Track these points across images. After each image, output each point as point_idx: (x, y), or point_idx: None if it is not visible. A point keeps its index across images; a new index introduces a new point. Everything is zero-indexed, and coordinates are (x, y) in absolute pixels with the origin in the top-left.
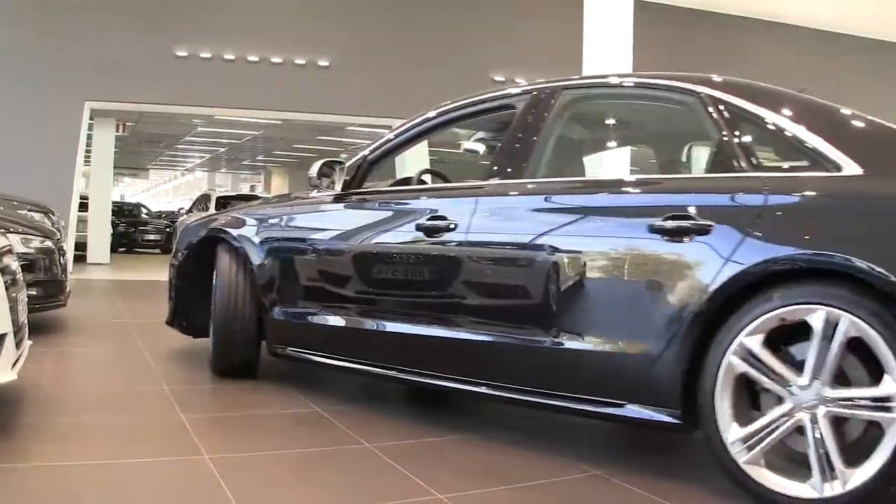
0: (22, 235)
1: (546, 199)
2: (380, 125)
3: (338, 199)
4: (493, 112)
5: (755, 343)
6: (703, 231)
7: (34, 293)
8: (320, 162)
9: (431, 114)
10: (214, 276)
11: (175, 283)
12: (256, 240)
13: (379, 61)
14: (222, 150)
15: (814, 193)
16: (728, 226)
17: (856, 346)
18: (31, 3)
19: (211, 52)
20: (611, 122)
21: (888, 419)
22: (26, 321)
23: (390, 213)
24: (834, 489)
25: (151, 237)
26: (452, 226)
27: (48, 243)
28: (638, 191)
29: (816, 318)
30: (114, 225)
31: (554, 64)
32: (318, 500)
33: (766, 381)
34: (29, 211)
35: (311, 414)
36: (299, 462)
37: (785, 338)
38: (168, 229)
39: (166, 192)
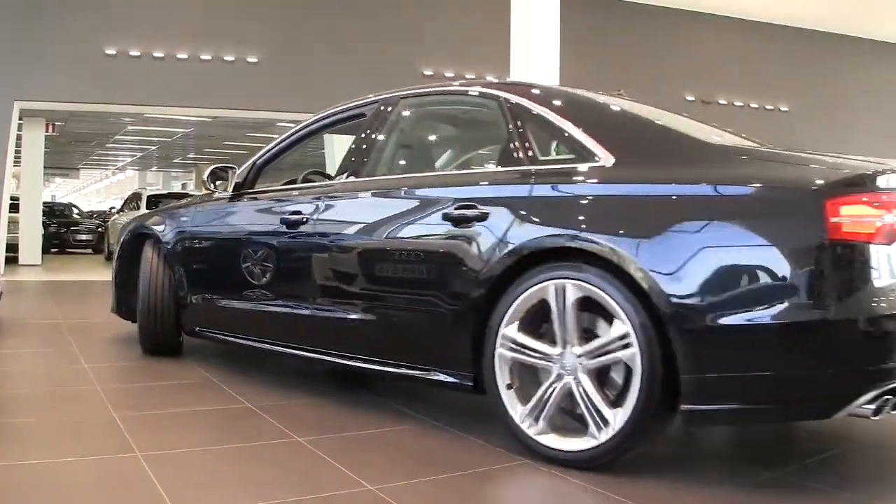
0: None
1: (371, 195)
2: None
3: (232, 199)
4: (353, 119)
5: (513, 331)
6: (482, 218)
7: None
8: (212, 167)
9: (309, 121)
10: (140, 268)
11: (116, 274)
12: (171, 235)
13: (308, 57)
14: (153, 148)
15: (570, 182)
16: (501, 213)
17: (587, 306)
18: None
19: (140, 50)
20: (435, 125)
21: (630, 354)
22: None
23: (266, 211)
24: (608, 432)
25: (83, 237)
26: (304, 220)
27: None
28: (439, 184)
29: (549, 292)
30: (45, 226)
31: (482, 57)
32: (250, 495)
33: (531, 361)
34: None
35: (241, 409)
36: (231, 457)
37: (540, 319)
38: (100, 229)
39: (98, 191)
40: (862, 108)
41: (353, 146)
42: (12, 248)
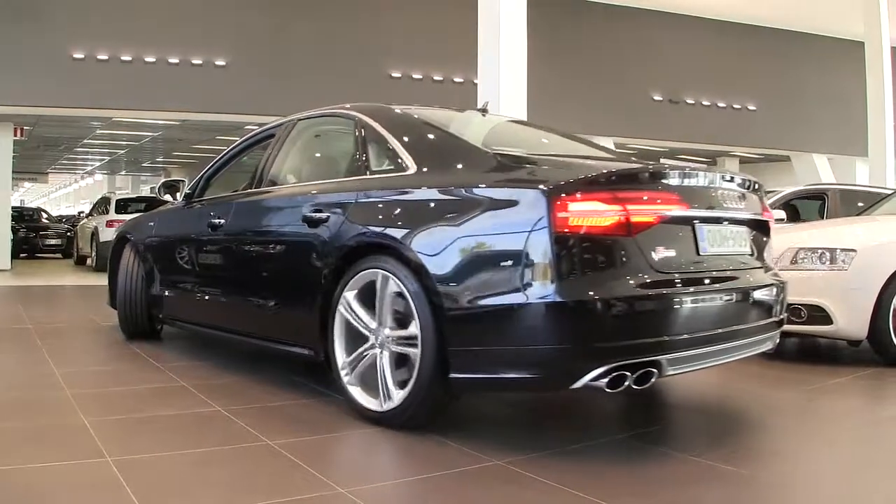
0: None
1: (260, 203)
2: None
3: (184, 207)
4: (268, 139)
5: (351, 296)
6: (325, 220)
7: None
8: (162, 181)
9: (239, 141)
10: (120, 266)
11: (110, 273)
12: (142, 237)
13: (276, 60)
14: (122, 152)
15: (384, 189)
16: (337, 215)
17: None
18: None
19: (108, 54)
20: (316, 143)
21: (414, 353)
22: None
23: (201, 216)
24: (387, 405)
25: (53, 242)
26: (220, 224)
27: None
28: (301, 193)
29: (379, 279)
30: (14, 230)
31: (449, 58)
32: (221, 498)
33: (357, 325)
34: None
35: (212, 413)
36: (202, 461)
37: (372, 294)
38: (69, 234)
39: (67, 196)
40: (827, 105)
41: (260, 162)
42: None
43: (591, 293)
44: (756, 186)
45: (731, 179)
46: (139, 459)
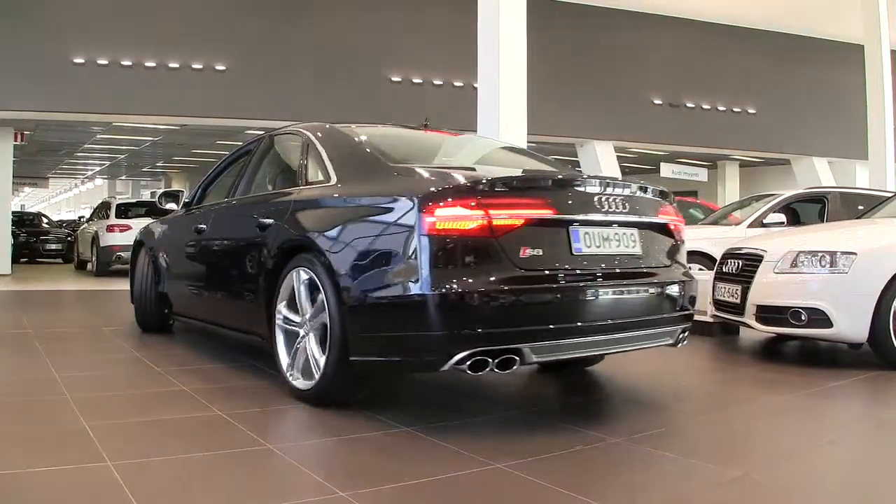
0: None
1: (229, 211)
2: (278, 128)
3: (185, 214)
4: (249, 154)
5: (283, 308)
6: (270, 226)
7: None
8: (163, 190)
9: (228, 154)
10: (135, 266)
11: (130, 273)
12: (151, 241)
13: (276, 65)
14: (122, 156)
15: (308, 198)
16: (278, 221)
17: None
18: None
19: (108, 59)
20: (276, 157)
21: (327, 319)
22: None
23: (193, 222)
24: (317, 378)
25: (53, 247)
26: (203, 229)
27: None
28: (258, 202)
29: (295, 276)
30: (14, 235)
31: (449, 62)
32: (222, 503)
33: (292, 327)
34: None
35: (212, 417)
36: (203, 465)
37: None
38: (69, 238)
39: (67, 200)
40: (827, 108)
41: (236, 174)
42: None
43: (453, 287)
44: (656, 193)
45: (619, 186)
46: (140, 464)
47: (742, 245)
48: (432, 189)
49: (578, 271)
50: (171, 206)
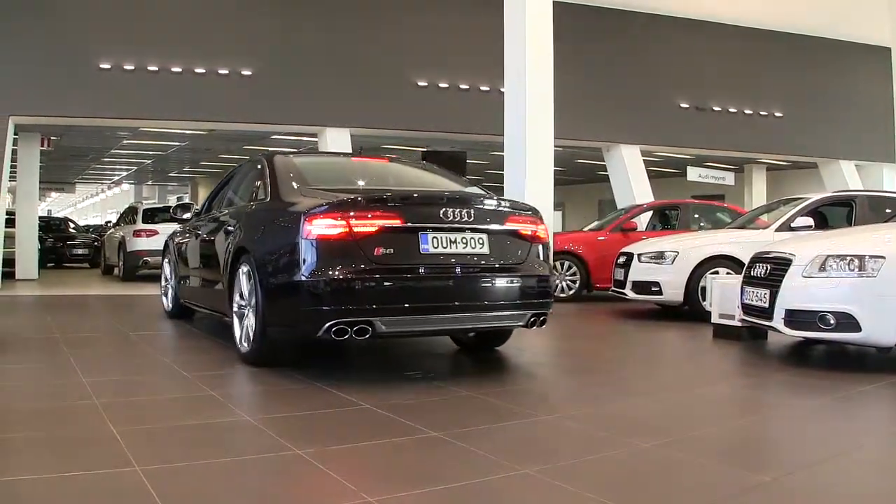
0: None
1: (213, 219)
2: (304, 133)
3: (196, 220)
4: (235, 177)
5: (239, 287)
6: (231, 231)
7: None
8: (175, 203)
9: (226, 175)
10: (163, 264)
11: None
12: (172, 242)
13: (302, 69)
14: (148, 162)
15: (251, 211)
16: (236, 227)
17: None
18: None
19: (134, 64)
20: (247, 178)
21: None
22: None
23: (195, 228)
24: (247, 348)
25: (80, 252)
26: (199, 233)
27: None
28: (228, 213)
29: (242, 270)
30: (41, 240)
31: (475, 67)
32: None
33: (241, 309)
34: None
35: (240, 422)
36: (231, 470)
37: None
38: (96, 243)
39: (94, 205)
40: (854, 111)
41: (224, 190)
42: (9, 262)
43: (322, 276)
44: (508, 205)
45: (468, 201)
46: (168, 469)
47: (770, 249)
48: (314, 206)
49: (423, 266)
50: (186, 215)
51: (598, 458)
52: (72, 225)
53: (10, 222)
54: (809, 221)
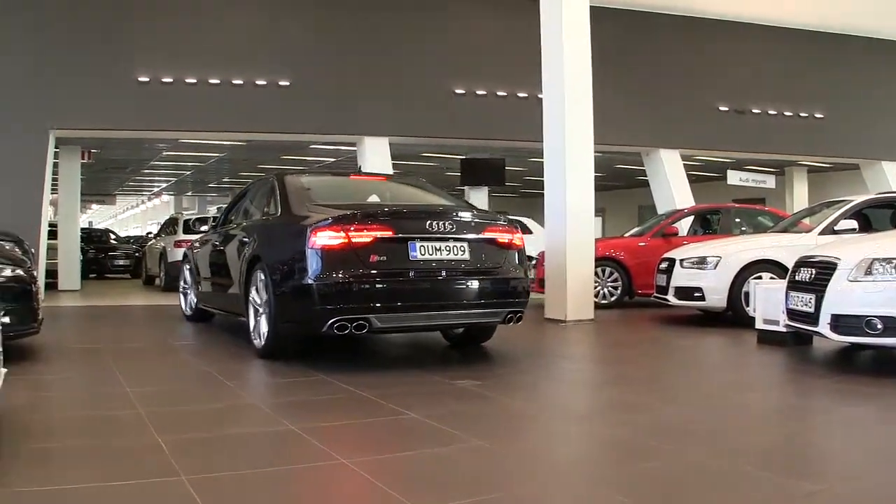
0: None
1: (228, 232)
2: (342, 142)
3: (213, 232)
4: (249, 194)
5: (254, 290)
6: (246, 242)
7: (7, 321)
8: (195, 218)
9: (240, 190)
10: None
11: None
12: (192, 251)
13: (339, 79)
14: (188, 173)
15: (264, 225)
16: (251, 238)
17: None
18: None
19: (172, 77)
20: (260, 194)
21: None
22: (1, 349)
23: (210, 238)
24: (261, 343)
25: (121, 262)
26: (216, 243)
27: (19, 272)
28: (243, 226)
29: (255, 276)
30: (83, 251)
31: (513, 74)
32: None
33: (256, 304)
34: None
35: (285, 431)
36: (277, 479)
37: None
38: (137, 254)
39: (134, 217)
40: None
41: (239, 205)
42: (52, 273)
43: (326, 280)
44: (485, 217)
45: (449, 214)
46: (213, 478)
47: (815, 253)
48: (318, 220)
49: (413, 270)
50: (203, 227)
51: (647, 466)
52: (113, 236)
53: (53, 234)
54: (853, 224)
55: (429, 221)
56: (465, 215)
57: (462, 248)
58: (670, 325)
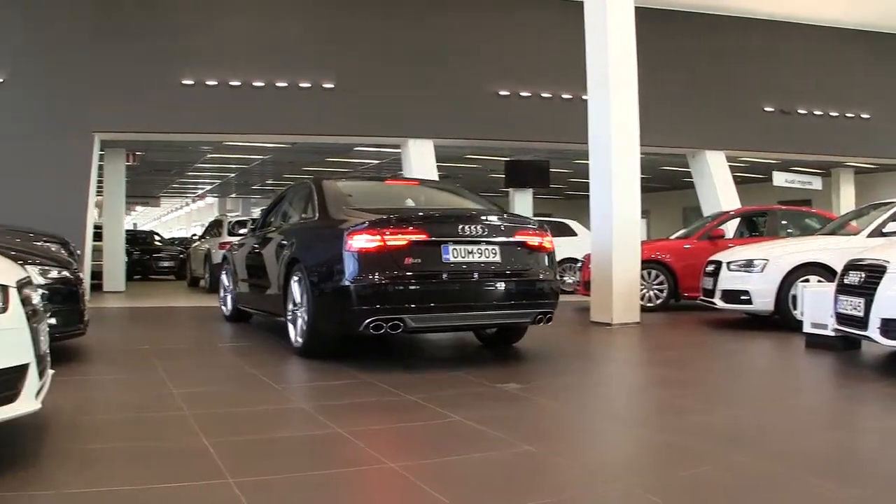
0: (40, 266)
1: (268, 235)
2: (386, 144)
3: (251, 235)
4: (287, 198)
5: (292, 291)
6: (286, 245)
7: (54, 322)
8: (234, 220)
9: (278, 194)
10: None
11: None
12: (232, 254)
13: (383, 81)
14: (232, 175)
15: (302, 228)
16: (290, 241)
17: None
18: (38, 38)
19: (217, 79)
20: (297, 198)
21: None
22: (48, 351)
23: (248, 242)
24: (299, 342)
25: (166, 264)
26: (255, 246)
27: (65, 273)
28: (283, 228)
29: (295, 278)
30: (128, 253)
31: (556, 75)
32: None
33: (294, 304)
34: (46, 242)
35: (333, 435)
36: (324, 484)
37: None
38: (182, 256)
39: (178, 218)
40: None
41: (277, 211)
42: (96, 275)
43: (362, 281)
44: (516, 221)
45: (481, 218)
46: (261, 481)
47: (864, 256)
48: (355, 224)
49: (445, 272)
50: (242, 230)
51: (697, 472)
52: (157, 238)
53: (98, 236)
54: None
55: (461, 225)
56: (497, 219)
57: (493, 251)
58: (717, 328)
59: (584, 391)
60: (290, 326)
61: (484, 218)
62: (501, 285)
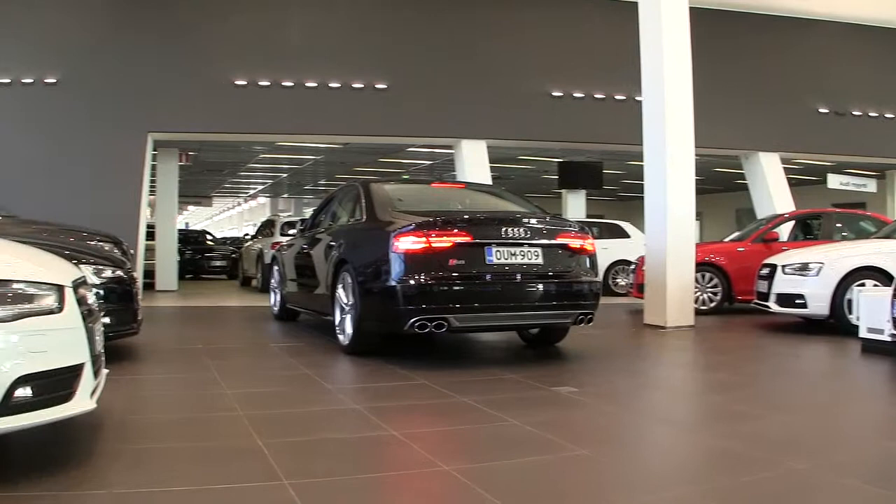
0: (94, 266)
1: (317, 236)
2: (439, 145)
3: (300, 236)
4: (335, 200)
5: (340, 291)
6: (335, 246)
7: (108, 322)
8: (282, 223)
9: (327, 196)
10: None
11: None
12: (281, 254)
13: (436, 82)
14: (284, 175)
15: (350, 229)
16: (338, 242)
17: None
18: (92, 39)
19: (269, 80)
20: (345, 200)
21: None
22: (102, 350)
23: (296, 243)
24: (346, 340)
25: (218, 264)
26: (304, 246)
27: (119, 273)
28: (331, 230)
29: (342, 278)
30: (180, 252)
31: (610, 76)
32: None
33: (342, 303)
34: (99, 241)
35: (387, 436)
36: (378, 485)
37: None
38: (234, 255)
39: (230, 218)
40: None
41: (326, 212)
42: (149, 274)
43: (409, 281)
44: (558, 223)
45: (523, 220)
46: (316, 483)
47: None
48: (401, 226)
49: (489, 273)
50: (291, 231)
51: (755, 479)
52: (209, 237)
53: (151, 235)
54: None
55: (504, 227)
56: (539, 222)
57: (536, 253)
58: (771, 332)
59: (638, 395)
60: (338, 325)
61: (527, 220)
62: (543, 286)
